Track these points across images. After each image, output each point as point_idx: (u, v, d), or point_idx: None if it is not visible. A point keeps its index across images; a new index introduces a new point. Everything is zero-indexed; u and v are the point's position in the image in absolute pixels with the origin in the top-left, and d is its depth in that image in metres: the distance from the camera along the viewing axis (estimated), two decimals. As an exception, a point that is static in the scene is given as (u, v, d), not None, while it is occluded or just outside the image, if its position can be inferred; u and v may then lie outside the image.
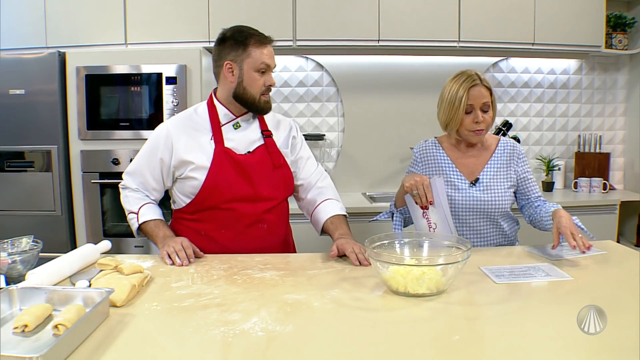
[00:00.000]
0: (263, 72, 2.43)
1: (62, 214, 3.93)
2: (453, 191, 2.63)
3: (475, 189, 2.61)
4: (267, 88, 2.45)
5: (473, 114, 2.55)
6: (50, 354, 1.25)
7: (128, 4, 4.13)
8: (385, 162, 4.81)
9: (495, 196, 2.59)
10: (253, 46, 2.39)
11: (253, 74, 2.41)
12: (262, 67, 2.41)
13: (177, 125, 2.52)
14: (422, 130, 4.62)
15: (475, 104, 2.54)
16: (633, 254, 2.39)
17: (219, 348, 1.44)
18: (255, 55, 2.40)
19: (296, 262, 2.27)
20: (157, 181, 2.54)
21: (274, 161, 2.54)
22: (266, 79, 2.44)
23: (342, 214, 2.62)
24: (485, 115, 2.55)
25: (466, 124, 2.58)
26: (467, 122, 2.57)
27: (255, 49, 2.39)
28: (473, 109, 2.55)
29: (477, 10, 4.34)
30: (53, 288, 1.72)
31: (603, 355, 1.39)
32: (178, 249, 2.26)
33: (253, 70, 2.41)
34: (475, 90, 2.54)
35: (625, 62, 5.07)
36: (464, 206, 2.61)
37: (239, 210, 2.47)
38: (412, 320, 1.66)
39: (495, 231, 2.66)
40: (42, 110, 3.86)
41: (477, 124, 2.55)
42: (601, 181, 4.69)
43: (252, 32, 2.43)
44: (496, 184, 2.62)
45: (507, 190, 2.62)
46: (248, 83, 2.42)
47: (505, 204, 2.61)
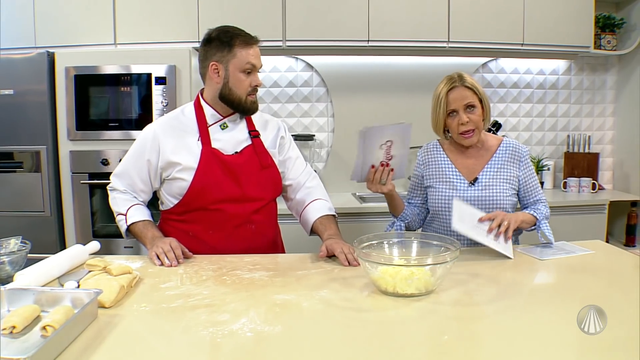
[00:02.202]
0: (249, 73, 2.42)
1: (51, 214, 3.91)
2: (452, 191, 2.62)
3: (474, 189, 2.61)
4: (253, 88, 2.45)
5: (457, 117, 2.56)
6: (38, 355, 1.24)
7: (117, 4, 4.11)
8: (376, 163, 4.78)
9: (494, 195, 2.58)
10: (238, 46, 2.39)
11: (239, 75, 2.41)
12: (247, 68, 2.40)
13: (164, 127, 2.52)
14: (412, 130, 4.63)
15: (457, 106, 2.54)
16: (622, 254, 2.41)
17: (208, 349, 1.44)
18: (240, 56, 2.39)
19: (285, 263, 2.27)
20: (145, 183, 2.53)
21: (261, 161, 2.53)
22: (252, 80, 2.43)
23: (331, 214, 2.62)
24: (471, 115, 2.55)
25: (452, 127, 2.59)
26: (453, 126, 2.58)
27: (241, 49, 2.39)
28: (455, 111, 2.56)
29: (466, 11, 4.35)
30: (41, 289, 1.72)
31: (594, 354, 1.40)
32: (167, 250, 2.26)
33: (239, 71, 2.40)
34: (454, 93, 2.55)
35: (614, 63, 5.10)
36: None
37: (227, 211, 2.47)
38: (401, 321, 1.66)
39: None
40: (31, 111, 3.85)
41: (463, 126, 2.55)
42: (590, 181, 4.71)
43: (238, 33, 2.42)
44: (495, 184, 2.60)
45: (507, 190, 2.60)
46: (234, 84, 2.42)
47: (504, 204, 2.58)
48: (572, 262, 2.28)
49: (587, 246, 2.50)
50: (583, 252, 2.40)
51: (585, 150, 4.95)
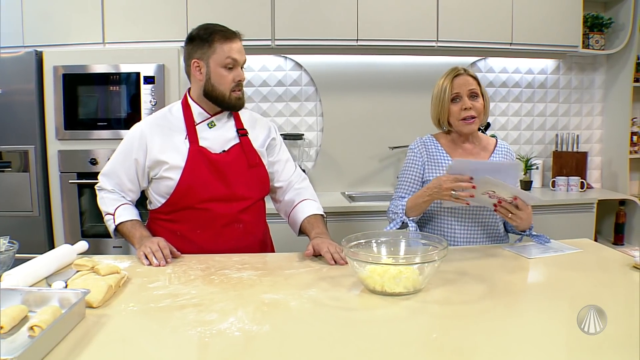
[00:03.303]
0: (231, 68, 2.41)
1: (39, 214, 3.89)
2: None
3: None
4: (237, 84, 2.44)
5: (461, 102, 2.57)
6: (25, 355, 1.24)
7: (106, 3, 4.09)
8: (365, 162, 4.81)
9: None
10: (217, 42, 2.38)
11: (219, 70, 2.40)
12: (228, 63, 2.39)
13: (151, 125, 2.51)
14: (401, 129, 4.67)
15: (462, 91, 2.57)
16: (610, 252, 2.42)
17: (196, 348, 1.44)
18: (220, 51, 2.38)
19: (274, 262, 2.27)
20: (132, 182, 2.52)
21: (249, 160, 2.53)
22: (235, 75, 2.42)
23: (319, 214, 2.62)
24: (475, 102, 2.57)
25: (455, 112, 2.59)
26: (456, 111, 2.59)
27: (220, 44, 2.38)
28: (459, 97, 2.58)
29: (455, 11, 4.36)
30: (29, 289, 1.71)
31: (582, 352, 1.41)
32: (155, 250, 2.25)
33: (219, 66, 2.39)
34: (459, 79, 2.59)
35: (603, 62, 5.12)
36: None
37: (215, 210, 2.46)
38: (390, 319, 1.67)
39: (482, 233, 2.65)
40: (19, 110, 3.82)
41: (466, 111, 2.56)
42: (579, 180, 4.73)
43: (218, 29, 2.41)
44: None
45: None
46: (216, 80, 2.41)
47: None
48: (560, 260, 2.29)
49: (576, 245, 2.51)
50: (571, 251, 2.41)
51: (574, 149, 4.97)
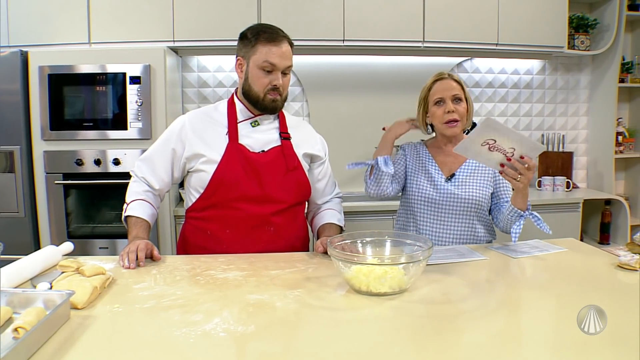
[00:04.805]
0: (269, 72, 2.39)
1: (25, 215, 3.87)
2: (430, 186, 2.66)
3: (450, 184, 2.65)
4: (272, 87, 2.41)
5: (444, 106, 2.61)
6: (9, 357, 1.24)
7: (92, 2, 4.07)
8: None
9: (469, 192, 2.62)
10: (260, 43, 2.37)
11: (256, 71, 2.39)
12: (265, 66, 2.37)
13: (194, 119, 2.53)
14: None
15: (445, 95, 2.60)
16: (596, 252, 2.43)
17: (181, 349, 1.44)
18: (260, 53, 2.37)
19: (259, 263, 2.26)
20: (166, 171, 2.53)
21: (288, 163, 2.50)
22: (272, 78, 2.39)
23: (338, 224, 2.65)
24: (458, 106, 2.61)
25: (438, 115, 2.63)
26: (439, 114, 2.62)
27: (262, 46, 2.37)
28: (443, 101, 2.61)
29: (441, 11, 4.37)
30: (13, 290, 1.71)
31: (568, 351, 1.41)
32: (131, 251, 2.22)
33: (257, 68, 2.38)
34: (442, 83, 2.63)
35: (588, 63, 5.16)
36: (439, 201, 2.64)
37: (246, 210, 2.44)
38: (375, 319, 1.67)
39: (469, 231, 2.67)
40: (4, 111, 3.80)
41: (449, 114, 2.59)
42: (564, 180, 4.76)
43: (265, 29, 2.41)
44: (472, 181, 2.64)
45: (483, 188, 2.64)
46: (252, 80, 2.41)
47: (479, 201, 2.62)
48: (545, 260, 2.30)
49: (561, 244, 2.53)
50: (557, 250, 2.43)
51: (560, 149, 5.00)
